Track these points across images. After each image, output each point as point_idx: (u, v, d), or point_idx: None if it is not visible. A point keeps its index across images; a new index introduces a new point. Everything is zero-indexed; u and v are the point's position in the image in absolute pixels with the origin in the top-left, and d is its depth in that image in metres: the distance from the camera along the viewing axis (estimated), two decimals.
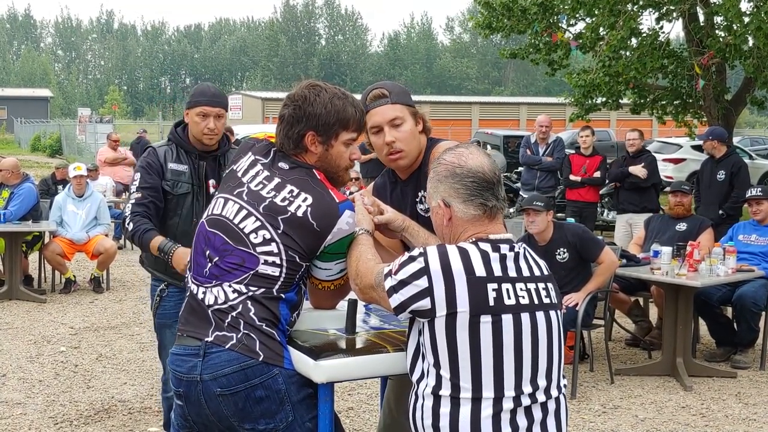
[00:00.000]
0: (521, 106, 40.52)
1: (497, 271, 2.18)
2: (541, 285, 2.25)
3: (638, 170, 9.18)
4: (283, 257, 2.43)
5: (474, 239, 2.24)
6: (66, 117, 57.20)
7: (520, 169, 11.81)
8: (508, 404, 2.14)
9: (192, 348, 2.46)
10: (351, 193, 12.96)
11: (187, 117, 3.87)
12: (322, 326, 2.64)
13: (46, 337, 6.95)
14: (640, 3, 12.63)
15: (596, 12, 12.64)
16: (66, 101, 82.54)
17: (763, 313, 6.34)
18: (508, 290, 2.16)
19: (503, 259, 2.21)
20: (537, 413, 2.19)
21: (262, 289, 2.43)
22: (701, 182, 9.07)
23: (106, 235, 9.31)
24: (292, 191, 2.47)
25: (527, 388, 2.16)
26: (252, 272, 2.43)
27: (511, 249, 2.24)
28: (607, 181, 9.97)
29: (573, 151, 10.31)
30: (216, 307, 2.45)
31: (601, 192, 11.08)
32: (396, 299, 2.22)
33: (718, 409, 5.35)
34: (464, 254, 2.18)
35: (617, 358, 6.49)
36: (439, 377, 2.17)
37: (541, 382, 2.20)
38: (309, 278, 2.57)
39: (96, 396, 5.44)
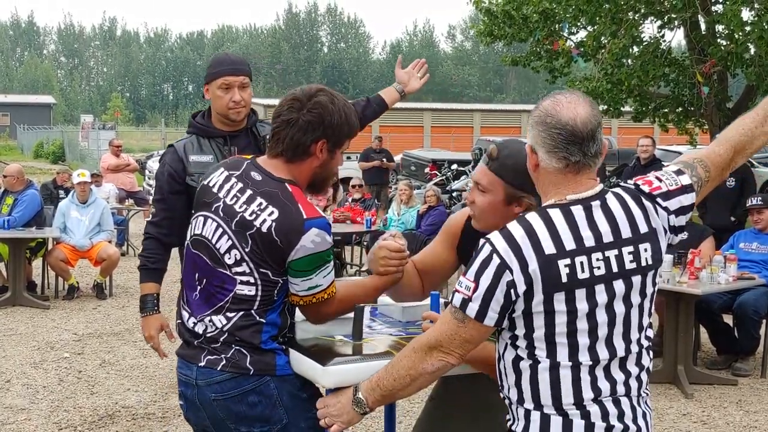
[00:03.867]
0: (523, 113, 40.47)
1: (569, 244, 2.05)
2: (626, 249, 2.09)
3: None
4: (256, 275, 2.39)
5: (549, 204, 2.12)
6: (69, 123, 57.28)
7: None
8: (585, 373, 2.07)
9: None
10: (354, 200, 12.93)
11: (208, 94, 3.50)
12: (329, 333, 2.65)
13: (50, 343, 6.97)
14: (642, 11, 12.66)
15: (598, 20, 12.66)
16: (69, 108, 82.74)
17: (764, 320, 6.35)
18: (582, 263, 2.04)
19: (575, 228, 2.06)
20: (617, 375, 2.11)
21: (242, 313, 2.41)
22: None
23: (110, 242, 9.34)
24: (260, 204, 2.40)
25: (603, 356, 2.08)
26: (231, 294, 2.42)
27: (587, 209, 2.09)
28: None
29: None
30: (208, 335, 2.46)
31: None
32: (491, 317, 2.06)
33: (719, 417, 5.36)
34: (530, 231, 2.05)
35: None
36: (515, 347, 2.11)
37: (620, 352, 2.09)
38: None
39: (100, 402, 5.47)
